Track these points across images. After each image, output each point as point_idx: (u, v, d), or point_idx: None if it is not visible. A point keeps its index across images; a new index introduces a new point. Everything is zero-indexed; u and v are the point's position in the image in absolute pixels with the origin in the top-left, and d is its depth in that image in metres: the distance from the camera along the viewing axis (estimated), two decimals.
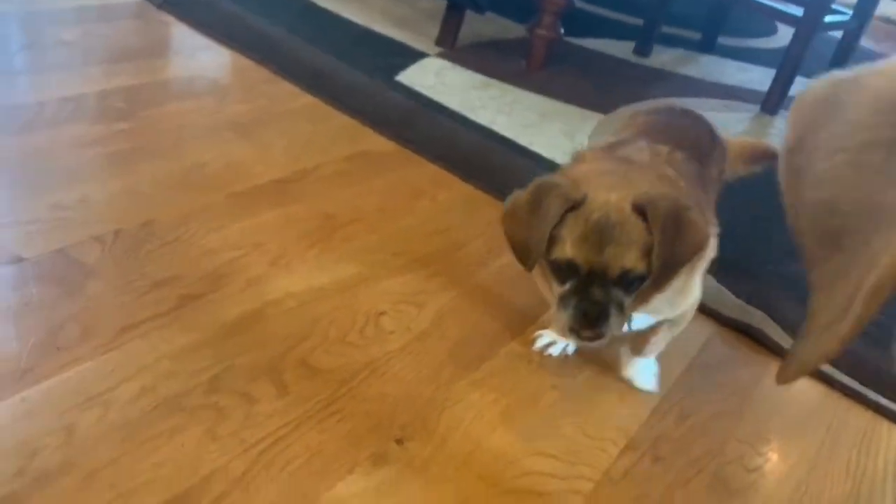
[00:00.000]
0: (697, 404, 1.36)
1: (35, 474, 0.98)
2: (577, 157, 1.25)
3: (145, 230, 1.48)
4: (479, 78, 2.58)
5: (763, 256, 1.87)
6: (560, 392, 1.31)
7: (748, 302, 1.66)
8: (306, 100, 2.21)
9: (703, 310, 1.61)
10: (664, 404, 1.34)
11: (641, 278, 1.06)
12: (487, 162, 2.05)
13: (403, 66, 2.54)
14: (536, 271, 1.18)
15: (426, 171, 1.97)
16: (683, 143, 1.32)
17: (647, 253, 1.04)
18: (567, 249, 1.05)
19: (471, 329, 1.41)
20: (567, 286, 1.09)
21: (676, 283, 1.14)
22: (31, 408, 1.06)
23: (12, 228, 1.39)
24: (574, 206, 1.05)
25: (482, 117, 2.29)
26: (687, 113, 1.55)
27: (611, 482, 1.16)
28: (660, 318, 1.24)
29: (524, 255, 1.10)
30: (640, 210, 1.04)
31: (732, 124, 2.71)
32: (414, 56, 2.64)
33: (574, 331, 1.09)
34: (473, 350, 1.36)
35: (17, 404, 1.06)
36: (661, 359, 1.36)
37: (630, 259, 1.04)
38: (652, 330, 1.28)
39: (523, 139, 2.21)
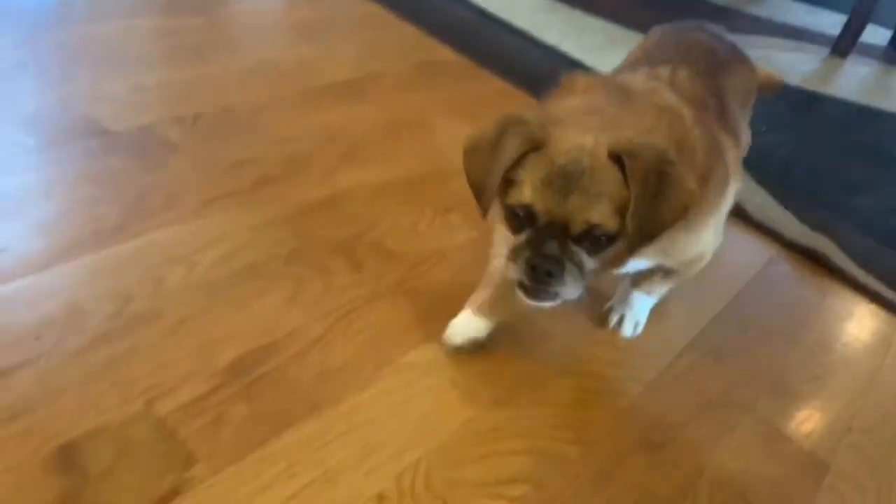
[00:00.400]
0: (760, 315, 1.37)
1: (128, 318, 1.03)
2: (569, 85, 1.05)
3: (223, 115, 1.51)
4: (544, 1, 2.55)
5: (832, 187, 1.85)
6: None
7: (813, 229, 1.65)
8: (370, 8, 2.21)
9: (767, 231, 1.60)
10: (727, 312, 1.35)
11: (611, 238, 0.89)
12: (553, 80, 2.04)
13: None
14: (495, 217, 1.01)
15: (491, 84, 1.97)
16: (691, 55, 1.19)
17: (622, 210, 0.87)
18: (525, 193, 0.89)
19: None
20: (522, 237, 0.92)
21: (674, 234, 0.97)
22: (123, 261, 1.11)
23: (99, 104, 1.44)
24: (536, 146, 0.89)
25: (549, 38, 2.27)
26: (702, 27, 1.37)
27: (671, 375, 1.18)
28: (654, 264, 1.11)
29: (479, 196, 0.93)
30: (618, 159, 0.87)
31: (800, 65, 2.64)
32: None
33: (522, 287, 0.94)
34: None
35: (111, 257, 1.12)
36: (714, 275, 1.35)
37: (598, 213, 0.87)
38: (652, 270, 1.15)
39: (591, 61, 2.19)
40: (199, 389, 0.96)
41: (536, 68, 2.09)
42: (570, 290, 0.92)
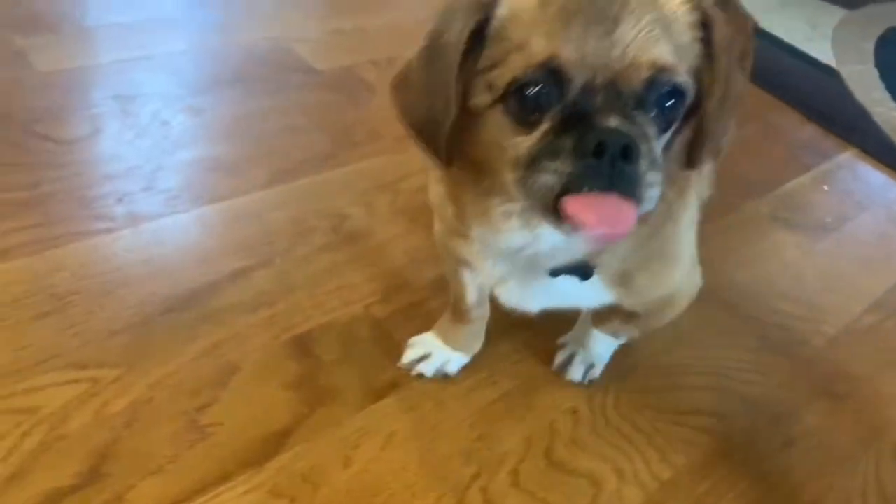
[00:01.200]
0: None
1: (345, 233, 1.14)
2: None
3: None
4: None
5: None
6: (803, 250, 1.32)
7: None
8: None
9: None
10: None
11: (683, 96, 0.59)
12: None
13: None
14: (445, 182, 0.72)
15: None
16: None
17: (693, 61, 0.60)
18: (538, 45, 0.56)
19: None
20: (543, 126, 0.58)
21: (659, 241, 0.75)
22: (337, 185, 1.23)
23: (305, 44, 1.56)
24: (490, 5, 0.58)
25: None
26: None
27: (854, 332, 1.18)
28: (614, 301, 0.81)
29: (431, 132, 0.62)
30: (698, 5, 0.60)
31: None
32: None
33: (573, 182, 0.56)
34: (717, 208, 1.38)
35: (326, 181, 1.23)
36: None
37: (667, 50, 0.56)
38: (612, 310, 0.87)
39: (763, 21, 2.14)
40: (409, 299, 1.05)
41: None
42: (652, 185, 0.57)
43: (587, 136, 0.54)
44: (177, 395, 0.88)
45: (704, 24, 0.59)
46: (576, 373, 1.00)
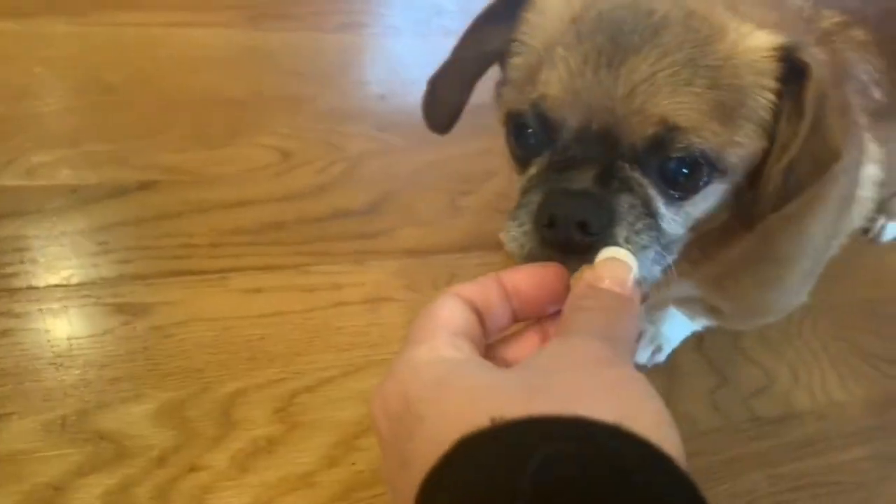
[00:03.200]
0: None
1: None
2: None
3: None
4: None
5: None
6: None
7: None
8: None
9: None
10: None
11: (709, 168, 0.49)
12: None
13: None
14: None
15: None
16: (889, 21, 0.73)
17: (730, 126, 0.48)
18: (543, 77, 0.49)
19: None
20: (531, 170, 0.51)
21: (773, 244, 0.64)
22: None
23: None
24: None
25: None
26: None
27: None
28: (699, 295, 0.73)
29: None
30: (789, 54, 0.50)
31: None
32: None
33: (532, 253, 0.48)
34: None
35: None
36: None
37: (688, 105, 0.46)
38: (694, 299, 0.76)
39: None
40: None
41: None
42: (638, 252, 0.47)
43: (550, 192, 0.47)
44: None
45: (790, 74, 0.50)
46: (642, 353, 0.87)
